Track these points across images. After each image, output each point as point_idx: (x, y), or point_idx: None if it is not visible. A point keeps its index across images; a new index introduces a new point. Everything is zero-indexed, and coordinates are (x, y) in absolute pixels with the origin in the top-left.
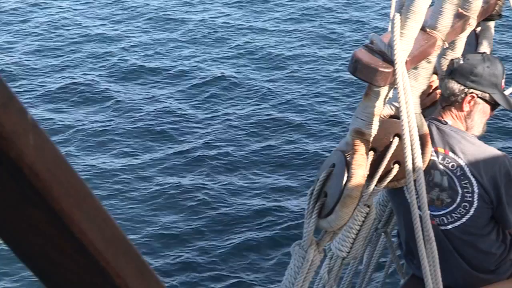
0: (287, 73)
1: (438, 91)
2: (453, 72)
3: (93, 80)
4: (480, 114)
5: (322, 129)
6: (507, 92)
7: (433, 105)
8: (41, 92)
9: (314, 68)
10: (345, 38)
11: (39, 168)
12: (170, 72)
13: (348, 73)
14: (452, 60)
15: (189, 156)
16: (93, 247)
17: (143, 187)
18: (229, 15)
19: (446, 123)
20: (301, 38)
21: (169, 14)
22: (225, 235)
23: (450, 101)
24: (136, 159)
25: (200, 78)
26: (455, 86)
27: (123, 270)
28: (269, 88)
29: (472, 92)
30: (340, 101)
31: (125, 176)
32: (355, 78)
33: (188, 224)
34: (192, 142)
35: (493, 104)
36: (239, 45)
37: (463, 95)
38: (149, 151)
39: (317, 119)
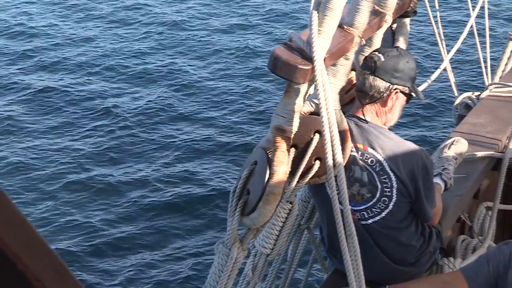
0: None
1: None
2: (377, 69)
3: None
4: (400, 107)
5: (242, 126)
6: (421, 87)
7: (352, 101)
8: None
9: (236, 63)
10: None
11: None
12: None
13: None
14: (370, 57)
15: (99, 151)
16: (10, 250)
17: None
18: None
19: (365, 120)
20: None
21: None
22: (148, 235)
23: (374, 98)
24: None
25: (126, 69)
26: (380, 83)
27: (41, 273)
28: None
29: (396, 88)
30: (263, 97)
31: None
32: (276, 75)
33: (112, 226)
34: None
35: (409, 96)
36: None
37: (388, 92)
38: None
39: (239, 116)
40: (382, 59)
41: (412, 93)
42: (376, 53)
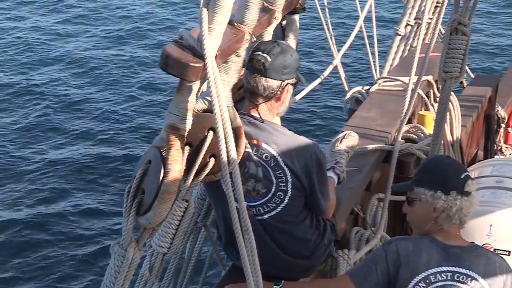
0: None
1: None
2: (267, 71)
3: None
4: (289, 97)
5: (136, 126)
6: (314, 84)
7: (245, 98)
8: None
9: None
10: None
11: None
12: None
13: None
14: (256, 60)
15: None
16: None
17: None
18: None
19: (258, 117)
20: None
21: None
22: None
23: (268, 98)
24: None
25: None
26: (273, 83)
27: None
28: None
29: (287, 83)
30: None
31: None
32: (167, 73)
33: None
34: None
35: (295, 84)
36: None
37: (281, 89)
38: None
39: (130, 117)
40: (269, 59)
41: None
42: (260, 53)
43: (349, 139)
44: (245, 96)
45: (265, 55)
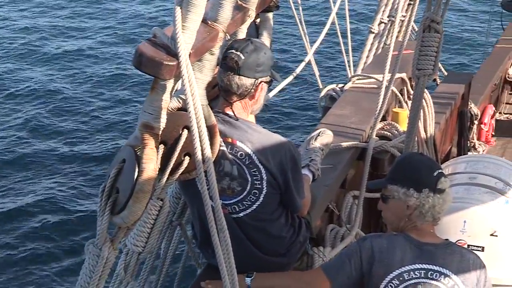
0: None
1: None
2: (240, 69)
3: None
4: (263, 95)
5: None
6: (287, 81)
7: (219, 96)
8: None
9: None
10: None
11: None
12: None
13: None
14: (229, 57)
15: None
16: None
17: None
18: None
19: (233, 115)
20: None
21: None
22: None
23: (242, 96)
24: None
25: None
26: (247, 81)
27: None
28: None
29: (261, 81)
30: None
31: None
32: (141, 72)
33: None
34: None
35: (270, 83)
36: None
37: (255, 87)
38: None
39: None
40: (242, 57)
41: (272, 79)
42: (233, 51)
43: (323, 137)
44: (219, 94)
45: (238, 53)
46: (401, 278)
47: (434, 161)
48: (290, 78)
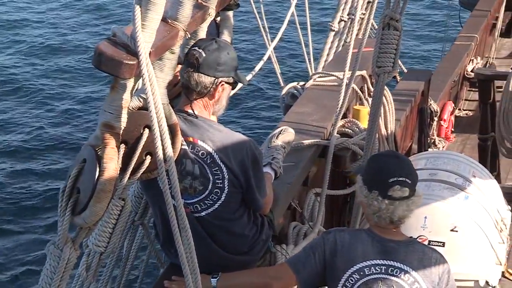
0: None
1: None
2: (200, 66)
3: None
4: (226, 96)
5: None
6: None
7: (180, 95)
8: None
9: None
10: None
11: None
12: None
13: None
14: (191, 54)
15: None
16: None
17: None
18: None
19: (194, 114)
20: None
21: None
22: None
23: (202, 94)
24: None
25: None
26: (206, 79)
27: None
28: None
29: (221, 81)
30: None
31: None
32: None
33: None
34: None
35: (234, 84)
36: None
37: (214, 86)
38: None
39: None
40: (204, 54)
41: (237, 81)
42: (196, 48)
43: (285, 135)
44: (181, 92)
45: (200, 50)
46: (361, 273)
47: (404, 168)
48: (249, 77)
